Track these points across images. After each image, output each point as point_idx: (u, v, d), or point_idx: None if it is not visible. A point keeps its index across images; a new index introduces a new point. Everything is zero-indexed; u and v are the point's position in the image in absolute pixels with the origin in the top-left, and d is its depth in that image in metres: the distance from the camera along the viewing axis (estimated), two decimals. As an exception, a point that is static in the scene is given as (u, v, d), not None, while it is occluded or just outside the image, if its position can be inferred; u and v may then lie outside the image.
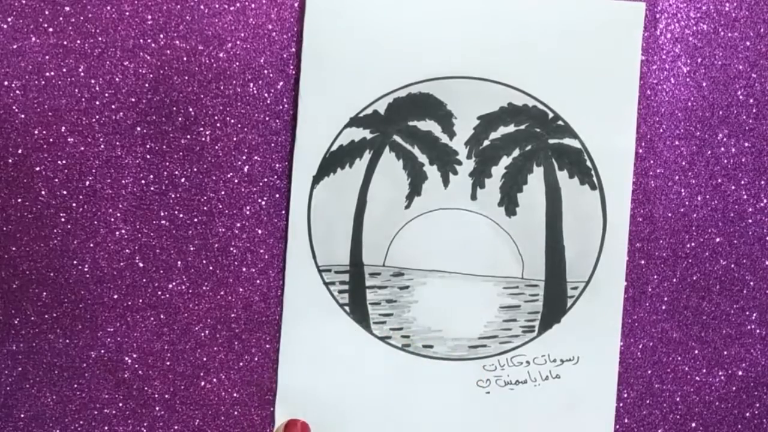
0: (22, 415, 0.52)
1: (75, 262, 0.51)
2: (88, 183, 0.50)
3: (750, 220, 0.52)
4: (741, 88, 0.52)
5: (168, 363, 0.52)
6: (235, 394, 0.52)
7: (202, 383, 0.52)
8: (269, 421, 0.52)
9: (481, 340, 0.52)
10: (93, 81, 0.50)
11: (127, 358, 0.52)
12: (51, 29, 0.49)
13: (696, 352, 0.53)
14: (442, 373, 0.52)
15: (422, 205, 0.51)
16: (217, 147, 0.50)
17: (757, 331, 0.53)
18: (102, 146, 0.50)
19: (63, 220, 0.50)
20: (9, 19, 0.49)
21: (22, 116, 0.50)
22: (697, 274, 0.52)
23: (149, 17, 0.50)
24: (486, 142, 0.51)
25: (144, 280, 0.51)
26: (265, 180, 0.51)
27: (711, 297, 0.53)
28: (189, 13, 0.50)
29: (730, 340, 0.53)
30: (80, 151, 0.50)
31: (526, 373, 0.52)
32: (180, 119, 0.50)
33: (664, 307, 0.52)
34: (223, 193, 0.51)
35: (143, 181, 0.51)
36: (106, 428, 0.52)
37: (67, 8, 0.49)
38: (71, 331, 0.51)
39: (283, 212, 0.51)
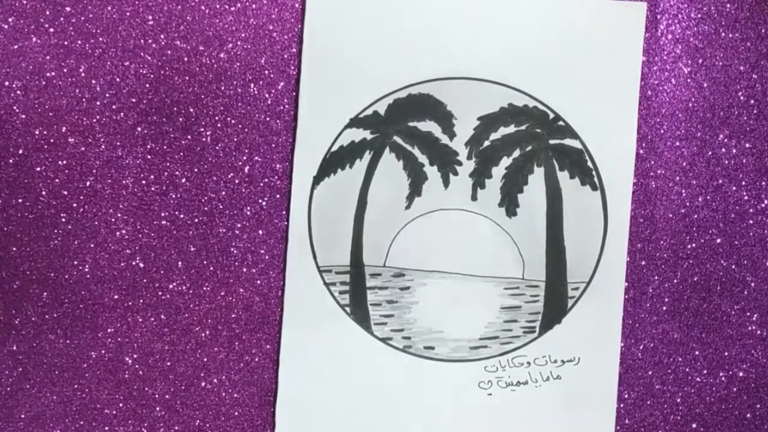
0: (22, 415, 0.52)
1: (75, 262, 0.51)
2: (88, 183, 0.50)
3: (751, 221, 0.52)
4: (742, 89, 0.52)
5: (168, 363, 0.52)
6: (235, 395, 0.52)
7: (203, 384, 0.52)
8: (269, 422, 0.52)
9: (482, 341, 0.52)
10: (94, 81, 0.50)
11: (127, 359, 0.52)
12: (52, 29, 0.49)
13: (697, 353, 0.53)
14: (443, 375, 0.52)
15: (422, 205, 0.51)
16: (217, 147, 0.51)
17: (758, 332, 0.53)
18: (103, 146, 0.50)
19: (63, 220, 0.50)
20: (10, 20, 0.49)
21: (23, 116, 0.50)
22: (698, 275, 0.52)
23: (150, 17, 0.50)
24: (486, 143, 0.51)
25: (144, 280, 0.51)
26: (266, 180, 0.51)
27: (712, 298, 0.52)
28: (190, 13, 0.50)
29: (731, 341, 0.53)
30: (81, 151, 0.50)
31: (527, 373, 0.52)
32: (181, 120, 0.50)
33: (664, 308, 0.52)
34: (223, 193, 0.51)
35: (144, 182, 0.51)
36: (106, 428, 0.52)
37: (68, 8, 0.49)
38: (71, 331, 0.51)
39: (284, 213, 0.51)
